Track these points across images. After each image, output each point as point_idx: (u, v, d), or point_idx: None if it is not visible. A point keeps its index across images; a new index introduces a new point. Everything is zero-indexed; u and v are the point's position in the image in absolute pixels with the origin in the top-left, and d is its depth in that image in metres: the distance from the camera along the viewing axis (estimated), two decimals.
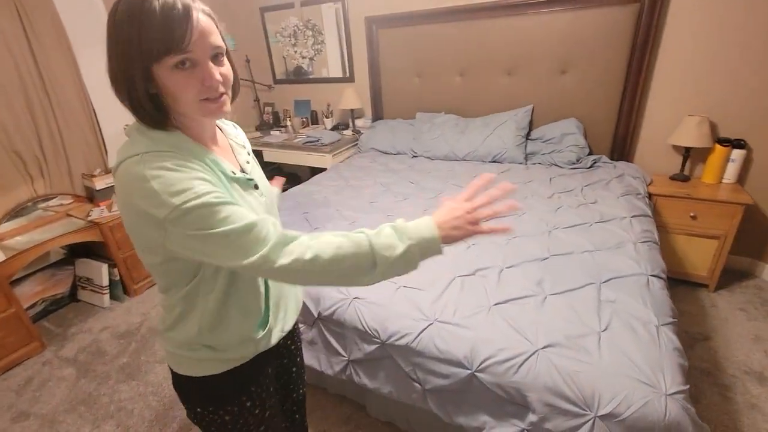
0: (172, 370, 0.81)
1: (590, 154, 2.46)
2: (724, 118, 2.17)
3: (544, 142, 2.56)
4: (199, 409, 0.80)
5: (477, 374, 1.08)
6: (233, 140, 0.82)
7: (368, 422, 1.61)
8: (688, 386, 0.98)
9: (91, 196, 2.61)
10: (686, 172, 2.30)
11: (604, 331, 1.09)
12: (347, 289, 1.38)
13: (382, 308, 1.29)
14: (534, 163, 2.51)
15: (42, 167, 2.41)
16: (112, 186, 2.53)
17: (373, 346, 1.26)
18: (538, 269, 1.39)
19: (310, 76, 3.49)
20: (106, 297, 2.49)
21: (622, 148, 2.46)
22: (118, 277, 2.53)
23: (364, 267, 0.64)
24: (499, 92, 2.69)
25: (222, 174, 0.68)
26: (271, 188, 0.89)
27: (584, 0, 2.25)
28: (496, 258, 1.47)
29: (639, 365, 0.99)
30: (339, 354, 1.37)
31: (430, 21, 2.72)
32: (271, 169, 3.74)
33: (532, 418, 1.02)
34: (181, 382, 0.80)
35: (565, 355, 1.03)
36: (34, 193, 2.42)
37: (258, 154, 3.39)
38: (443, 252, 0.69)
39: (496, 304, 1.23)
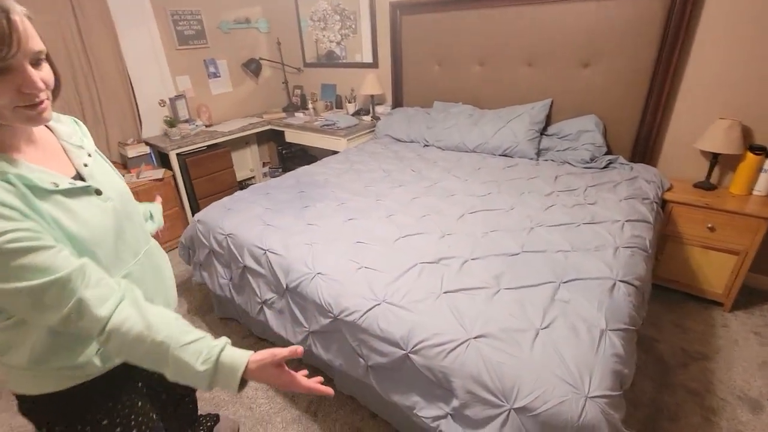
0: (16, 396, 0.73)
1: (608, 153, 2.33)
2: (759, 123, 1.96)
3: (560, 138, 2.45)
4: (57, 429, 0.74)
5: (410, 355, 1.11)
6: (66, 141, 0.73)
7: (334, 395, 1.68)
8: (618, 392, 0.95)
9: (125, 163, 2.87)
10: (713, 180, 2.12)
11: (543, 328, 1.08)
12: (312, 263, 1.45)
13: (339, 285, 1.34)
14: (546, 160, 2.42)
15: None
16: (144, 154, 2.79)
17: (328, 320, 1.33)
18: (502, 263, 1.37)
19: (339, 61, 3.55)
20: None
21: (643, 149, 2.30)
22: None
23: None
24: (519, 84, 2.60)
25: (29, 190, 0.58)
26: (124, 190, 0.81)
27: None
28: (464, 249, 1.47)
29: (567, 365, 0.97)
30: (301, 324, 1.45)
31: (453, 8, 2.67)
32: (295, 151, 3.89)
33: (455, 403, 1.04)
34: (27, 406, 0.73)
35: (496, 347, 1.03)
36: None
37: (280, 134, 3.53)
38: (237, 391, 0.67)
39: (446, 292, 1.24)
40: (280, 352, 0.70)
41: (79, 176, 0.71)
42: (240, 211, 1.91)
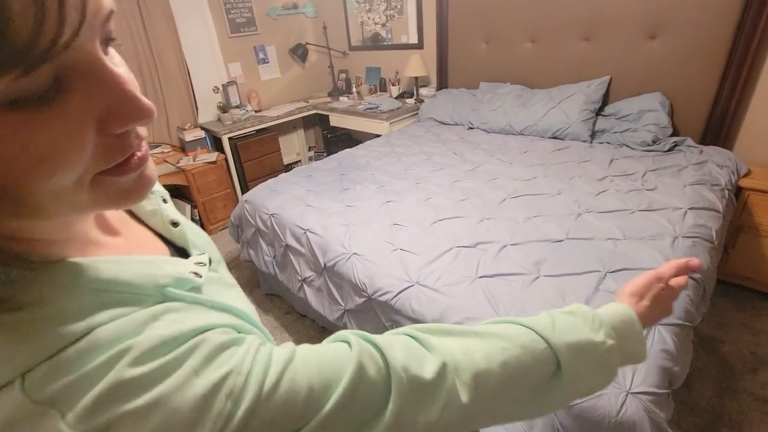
0: None
1: (673, 135, 2.11)
2: None
3: (618, 119, 2.26)
4: None
5: None
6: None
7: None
8: (665, 390, 0.88)
9: (183, 147, 3.07)
10: None
11: None
12: (349, 244, 1.47)
13: (374, 265, 1.35)
14: (601, 143, 2.25)
15: None
16: (200, 138, 2.96)
17: (362, 299, 1.35)
18: (544, 250, 1.31)
19: (384, 43, 3.51)
20: None
21: (717, 131, 2.06)
22: (198, 217, 2.98)
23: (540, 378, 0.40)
24: (574, 61, 2.42)
25: (187, 295, 0.32)
26: (204, 235, 0.49)
27: None
28: (504, 234, 1.41)
29: None
30: (338, 302, 1.49)
31: None
32: (339, 135, 3.94)
33: None
34: None
35: None
36: None
37: (325, 119, 3.59)
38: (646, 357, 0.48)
39: (481, 277, 1.21)
40: (663, 274, 0.53)
41: (174, 247, 0.42)
42: (283, 192, 1.97)
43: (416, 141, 2.58)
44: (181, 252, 0.42)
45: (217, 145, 3.17)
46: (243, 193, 3.21)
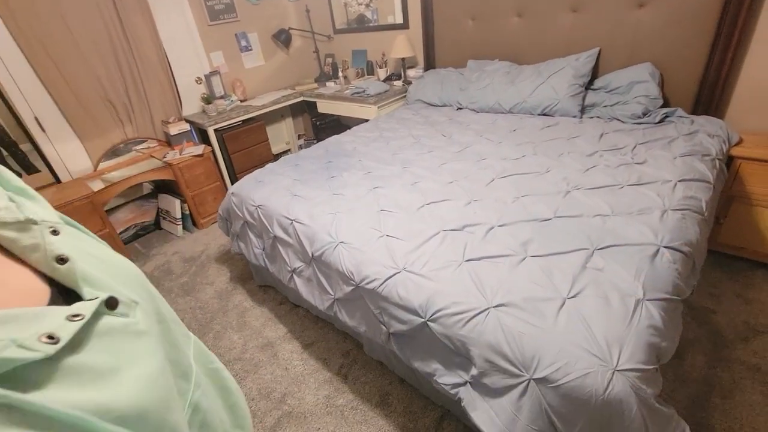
0: None
1: (664, 106, 2.08)
2: None
3: (608, 92, 2.22)
4: None
5: (429, 323, 1.09)
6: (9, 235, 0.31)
7: (363, 359, 1.73)
8: (652, 366, 0.88)
9: (169, 141, 3.02)
10: None
11: (571, 297, 1.00)
12: (336, 232, 1.45)
13: (361, 253, 1.34)
14: (591, 117, 2.21)
15: (130, 114, 2.85)
16: (186, 131, 2.90)
17: (350, 288, 1.34)
18: (532, 230, 1.29)
19: (370, 25, 3.41)
20: (179, 227, 2.94)
21: (708, 100, 2.02)
22: (188, 211, 2.95)
23: None
24: (562, 33, 2.36)
25: (9, 389, 0.21)
26: (139, 274, 0.41)
27: None
28: (491, 216, 1.39)
29: (595, 336, 0.90)
30: (327, 292, 1.48)
31: None
32: (329, 122, 3.87)
33: (473, 371, 1.01)
34: None
35: (517, 316, 0.98)
36: (125, 136, 2.89)
37: (313, 106, 3.52)
38: None
39: (468, 260, 1.19)
40: None
41: (57, 287, 0.32)
42: (269, 183, 1.94)
43: (404, 124, 2.54)
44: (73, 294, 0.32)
45: (204, 137, 3.11)
46: (233, 185, 3.18)
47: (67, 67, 2.50)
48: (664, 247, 1.15)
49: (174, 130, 2.91)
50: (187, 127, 2.98)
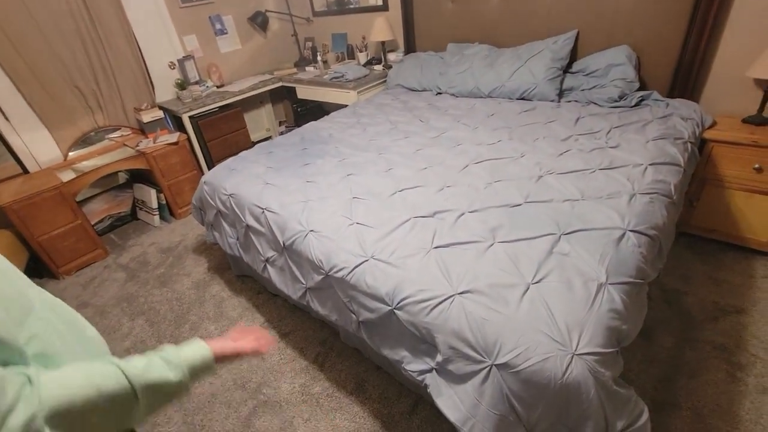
0: None
1: (641, 89, 2.07)
2: None
3: (586, 75, 2.20)
4: None
5: (395, 311, 1.08)
6: None
7: (340, 347, 1.73)
8: (611, 350, 0.89)
9: (143, 129, 2.93)
10: (766, 114, 1.84)
11: (535, 283, 1.00)
12: (306, 221, 1.43)
13: (330, 241, 1.32)
14: (569, 101, 2.19)
15: (99, 101, 2.74)
16: (159, 119, 2.82)
17: (320, 276, 1.32)
18: (502, 215, 1.28)
19: (350, 6, 3.32)
20: (156, 217, 2.88)
21: (684, 82, 2.01)
22: (164, 201, 2.89)
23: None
24: (542, 14, 2.32)
25: None
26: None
27: None
28: (463, 202, 1.38)
29: (556, 320, 0.90)
30: (299, 281, 1.46)
31: None
32: (310, 108, 3.80)
33: (438, 358, 1.01)
34: None
35: (481, 303, 0.98)
36: (95, 124, 2.79)
37: (291, 91, 3.44)
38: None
39: (436, 247, 1.18)
40: (243, 350, 0.75)
41: None
42: (242, 171, 1.90)
43: (382, 110, 2.49)
44: None
45: (179, 125, 3.03)
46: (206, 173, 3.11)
47: (29, 51, 2.39)
48: (630, 231, 1.15)
49: (147, 117, 2.82)
50: (160, 114, 2.89)
